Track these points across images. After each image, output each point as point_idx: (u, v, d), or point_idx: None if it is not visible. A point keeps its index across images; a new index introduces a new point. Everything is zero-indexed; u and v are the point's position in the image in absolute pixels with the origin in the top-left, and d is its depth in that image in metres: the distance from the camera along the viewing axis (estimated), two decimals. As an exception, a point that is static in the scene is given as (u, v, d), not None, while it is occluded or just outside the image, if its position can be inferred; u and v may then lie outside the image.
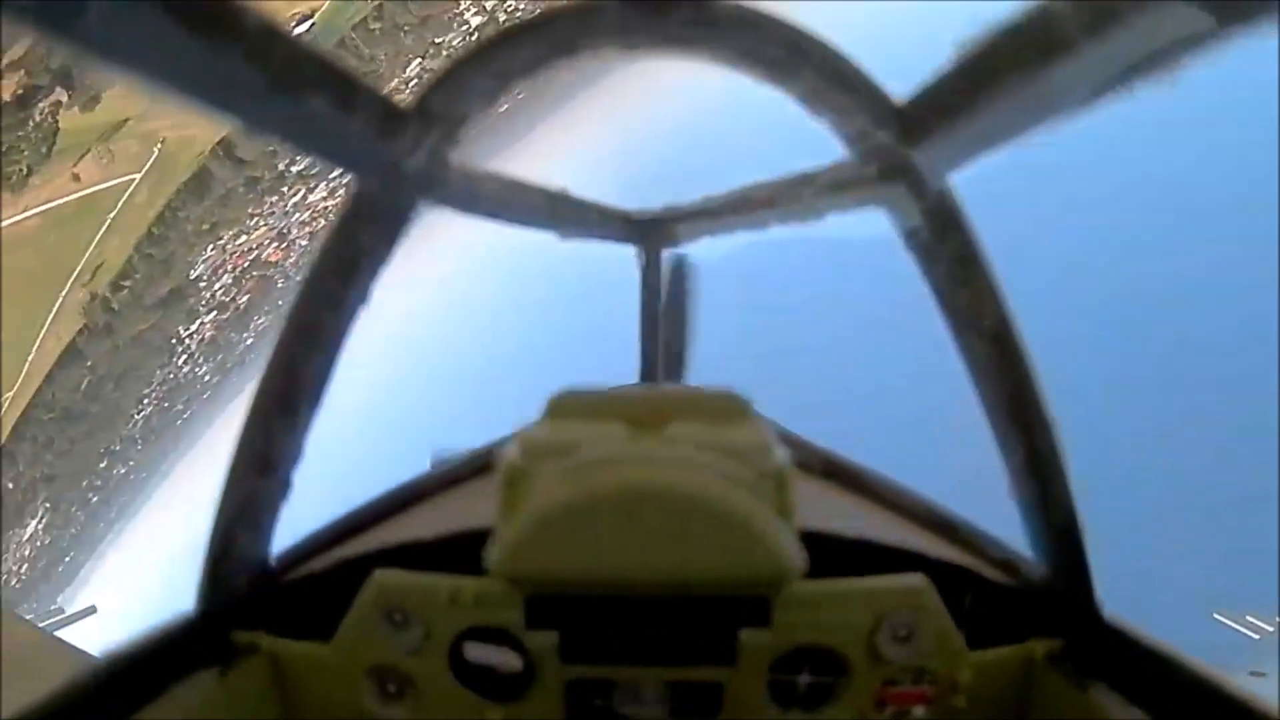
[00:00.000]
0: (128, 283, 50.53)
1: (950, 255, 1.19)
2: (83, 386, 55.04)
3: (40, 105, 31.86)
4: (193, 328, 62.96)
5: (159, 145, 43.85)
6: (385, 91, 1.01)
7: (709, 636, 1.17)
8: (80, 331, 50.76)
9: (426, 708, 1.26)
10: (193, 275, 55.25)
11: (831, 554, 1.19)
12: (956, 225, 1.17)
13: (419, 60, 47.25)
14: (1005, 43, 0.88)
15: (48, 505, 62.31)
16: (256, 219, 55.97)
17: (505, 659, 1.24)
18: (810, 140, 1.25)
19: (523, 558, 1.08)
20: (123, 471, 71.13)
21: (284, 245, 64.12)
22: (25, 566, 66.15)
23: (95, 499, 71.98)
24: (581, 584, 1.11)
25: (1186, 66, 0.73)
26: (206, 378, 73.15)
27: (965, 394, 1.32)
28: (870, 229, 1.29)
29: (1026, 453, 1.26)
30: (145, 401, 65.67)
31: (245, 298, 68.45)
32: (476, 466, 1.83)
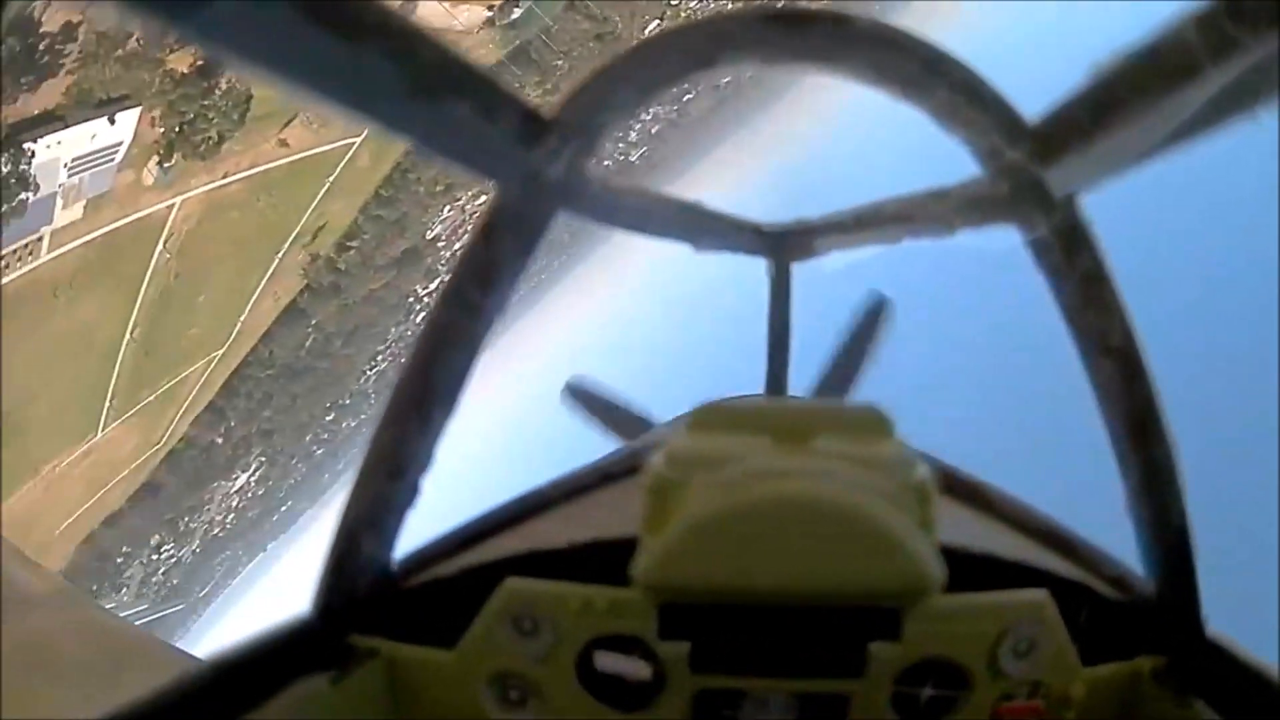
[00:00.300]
0: (354, 244, 50.61)
1: (1079, 274, 1.18)
2: (307, 344, 56.10)
3: (227, 74, 31.25)
4: (430, 286, 62.29)
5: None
6: (527, 100, 1.03)
7: (840, 648, 1.17)
8: (301, 292, 51.50)
9: (550, 714, 1.28)
10: (429, 235, 55.26)
11: (957, 568, 1.19)
12: (1086, 244, 1.16)
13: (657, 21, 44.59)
14: (1137, 65, 0.88)
15: (263, 459, 60.32)
16: None
17: (635, 668, 1.25)
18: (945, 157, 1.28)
19: (673, 567, 1.09)
20: (352, 425, 72.18)
21: None
22: (231, 517, 68.68)
23: (320, 451, 70.04)
24: (724, 594, 1.13)
25: None
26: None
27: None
28: (999, 243, 1.30)
29: (1145, 470, 1.26)
30: (379, 358, 66.43)
31: None
32: (604, 476, 1.82)
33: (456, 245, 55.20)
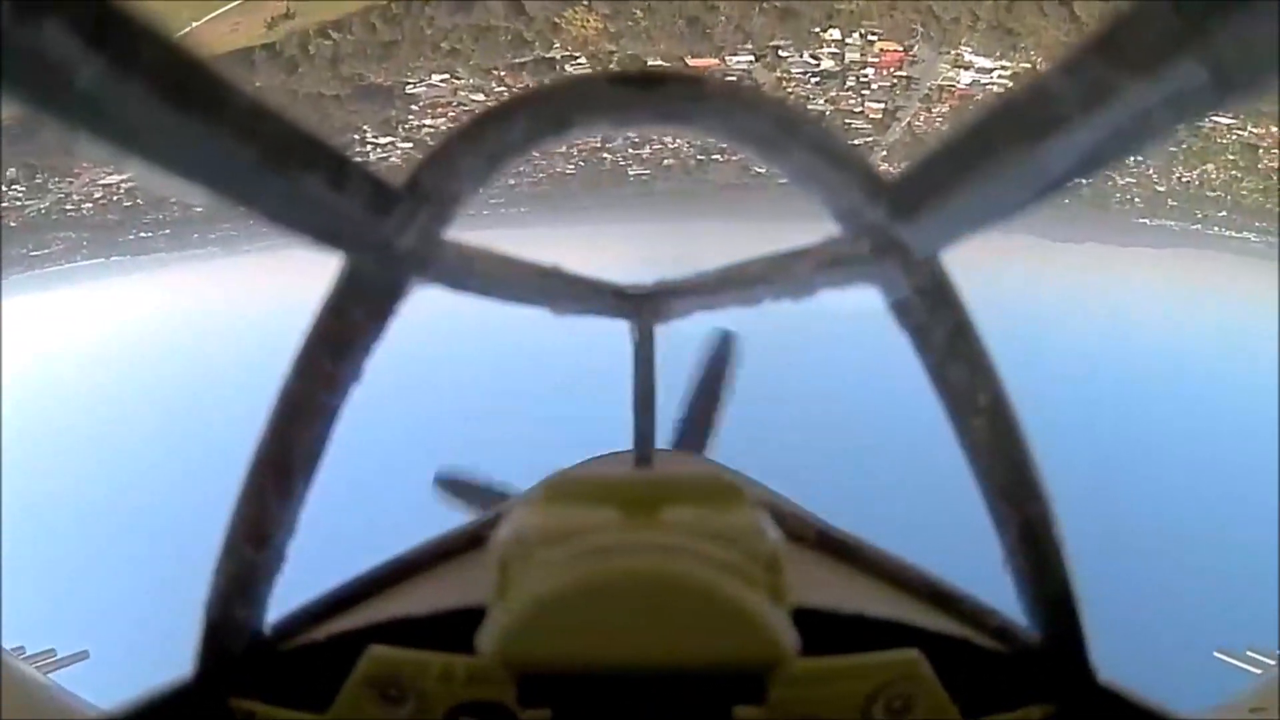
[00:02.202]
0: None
1: (943, 331, 1.21)
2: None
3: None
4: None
5: None
6: (377, 172, 1.03)
7: (704, 713, 1.20)
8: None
9: None
10: (409, 89, 50.04)
11: (825, 629, 1.24)
12: (948, 301, 1.19)
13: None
14: (997, 119, 0.89)
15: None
16: (503, 91, 48.58)
17: None
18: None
19: (516, 642, 1.10)
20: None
21: None
22: (89, 206, 65.74)
23: (199, 209, 67.67)
24: (571, 668, 1.13)
25: (1179, 133, 0.76)
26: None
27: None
28: (861, 303, 1.32)
29: (1022, 525, 1.30)
30: None
31: None
32: (470, 539, 1.84)
33: None
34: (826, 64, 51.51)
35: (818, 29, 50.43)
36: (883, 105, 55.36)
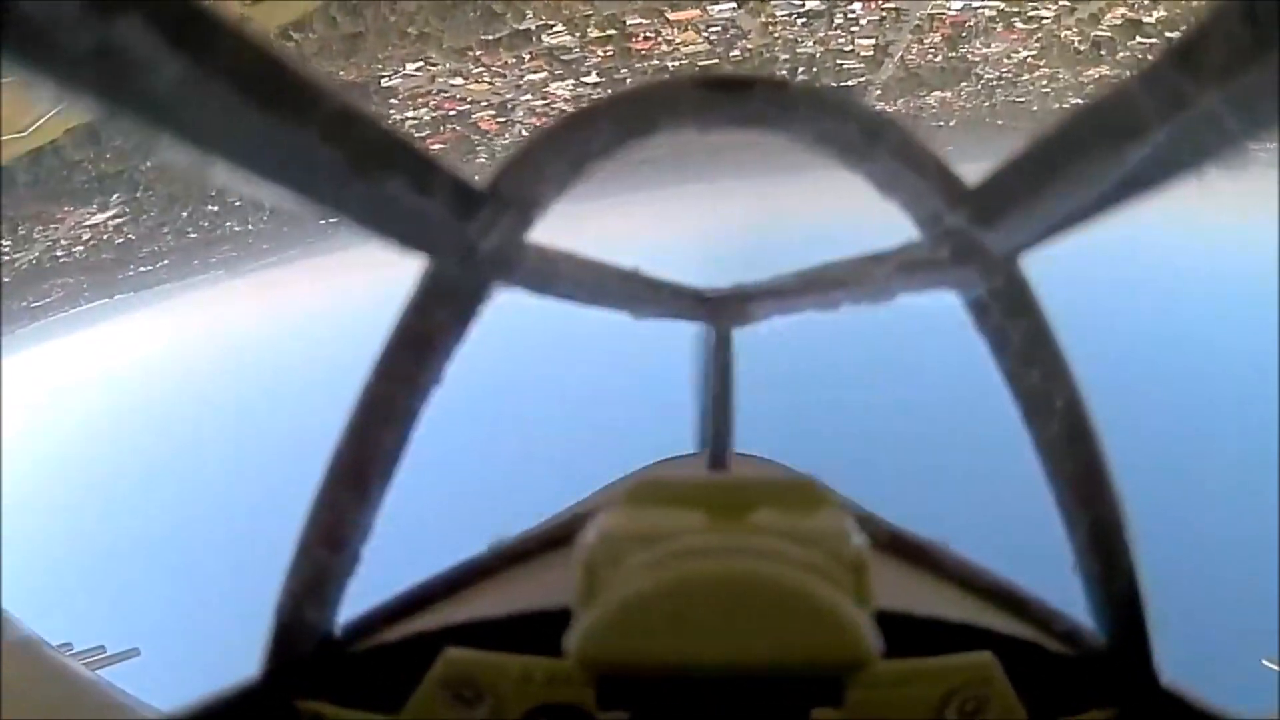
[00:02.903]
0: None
1: (1020, 336, 1.21)
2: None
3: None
4: None
5: None
6: (461, 174, 1.02)
7: (782, 717, 1.18)
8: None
9: None
10: (385, 81, 49.58)
11: (901, 632, 1.22)
12: (1027, 306, 1.19)
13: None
14: (1078, 126, 0.89)
15: (126, 209, 57.06)
16: (482, 71, 49.38)
17: None
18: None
19: (605, 644, 1.09)
20: (235, 229, 69.90)
21: (502, 120, 56.57)
22: (80, 248, 64.56)
23: (194, 235, 69.67)
24: (656, 670, 1.13)
25: (1254, 150, 0.76)
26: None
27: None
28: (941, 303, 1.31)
29: (1093, 528, 1.30)
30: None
31: (435, 144, 59.26)
32: (542, 543, 1.83)
33: (410, 111, 52.09)
34: (812, 3, 48.61)
35: (801, -35, 47.69)
36: (873, 41, 53.06)
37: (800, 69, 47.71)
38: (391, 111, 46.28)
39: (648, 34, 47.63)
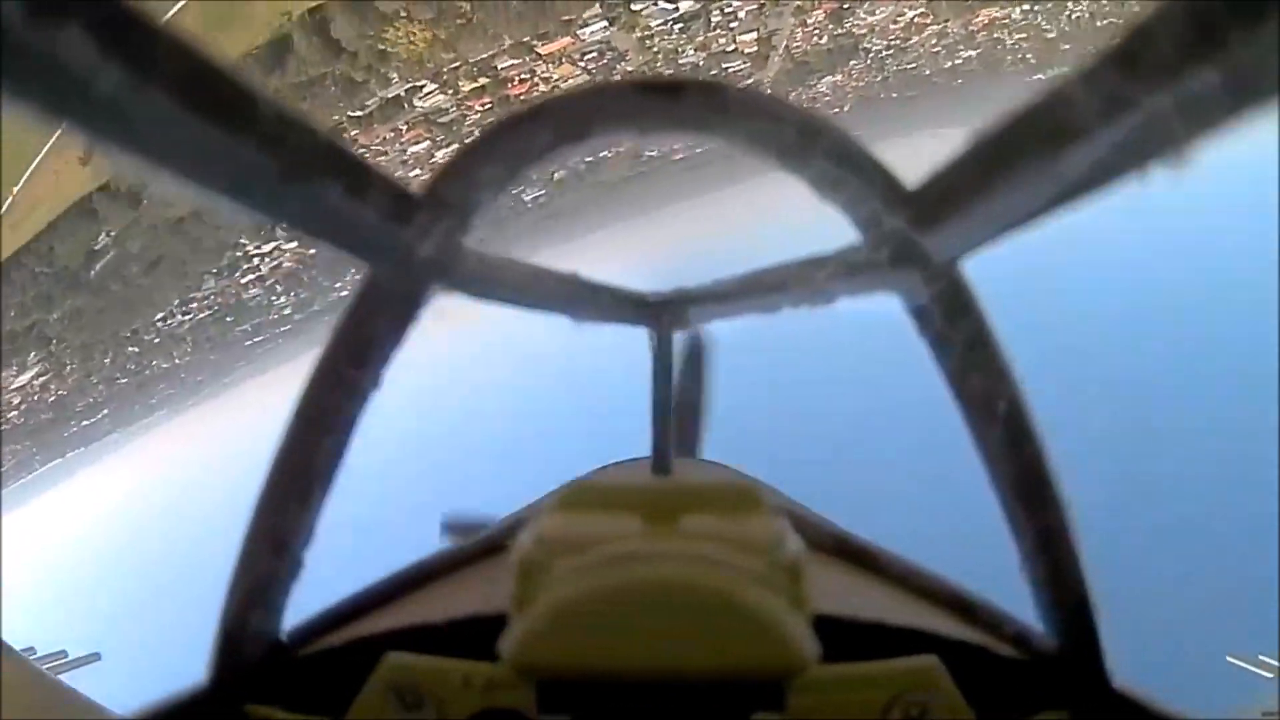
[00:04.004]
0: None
1: (962, 339, 1.19)
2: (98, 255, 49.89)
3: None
4: (265, 249, 58.28)
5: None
6: (397, 180, 1.02)
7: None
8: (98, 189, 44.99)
9: None
10: None
11: (845, 636, 1.24)
12: (968, 309, 1.18)
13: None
14: (1018, 127, 0.87)
15: (46, 366, 55.63)
16: (362, 152, 41.89)
17: None
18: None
19: (537, 650, 1.10)
20: (164, 366, 69.33)
21: None
22: (15, 413, 63.94)
23: (124, 381, 66.11)
24: (592, 675, 1.13)
25: (1201, 147, 0.73)
26: (286, 311, 70.72)
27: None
28: (883, 308, 1.29)
29: (1039, 533, 1.29)
30: (192, 304, 62.67)
31: None
32: (485, 548, 1.85)
33: None
34: (685, 5, 46.51)
35: (666, -31, 45.95)
36: (755, 34, 51.26)
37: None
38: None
39: (522, 75, 45.71)
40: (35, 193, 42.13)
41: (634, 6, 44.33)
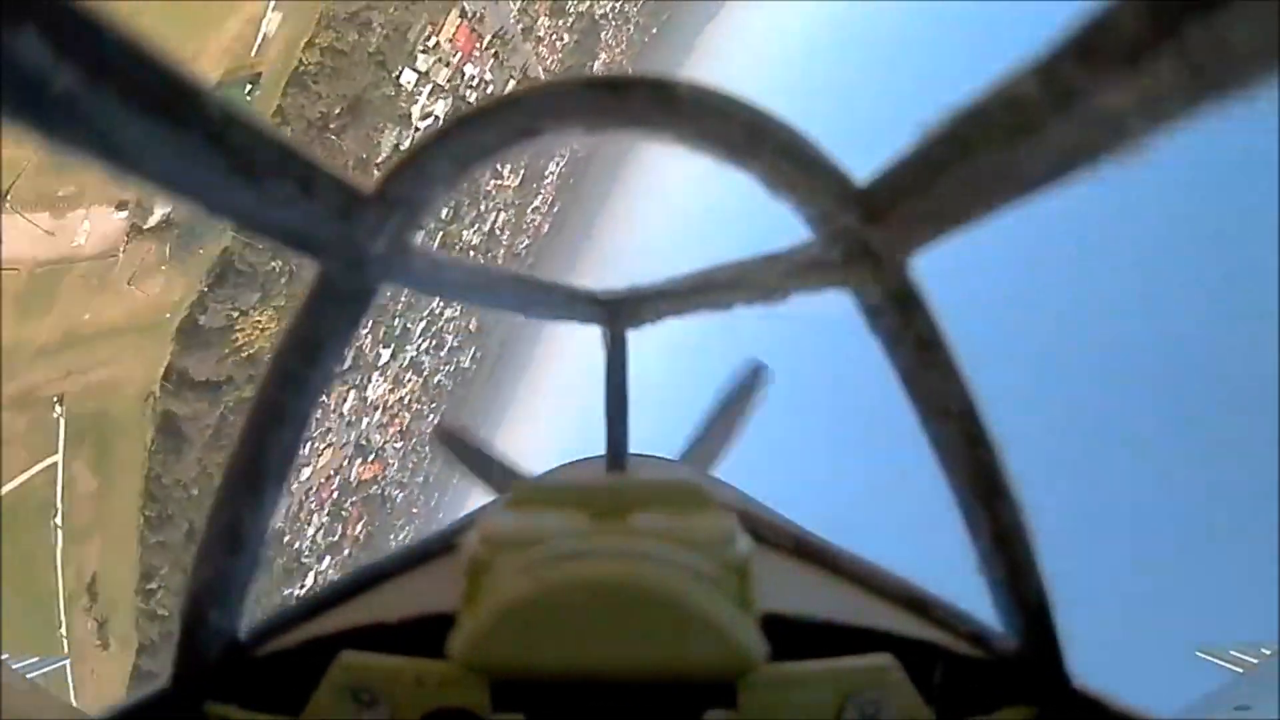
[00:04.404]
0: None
1: (913, 338, 1.18)
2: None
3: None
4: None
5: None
6: (347, 177, 1.00)
7: (675, 717, 1.17)
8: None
9: None
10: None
11: (799, 635, 1.23)
12: (919, 308, 1.16)
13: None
14: (969, 123, 0.86)
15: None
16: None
17: None
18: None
19: (485, 649, 1.09)
20: None
21: (373, 460, 58.34)
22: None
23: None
24: (540, 674, 1.13)
25: (1156, 141, 0.72)
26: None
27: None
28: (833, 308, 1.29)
29: (994, 530, 1.27)
30: None
31: (357, 528, 62.66)
32: (445, 544, 1.79)
33: (310, 529, 53.22)
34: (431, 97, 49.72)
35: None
36: (498, 77, 55.10)
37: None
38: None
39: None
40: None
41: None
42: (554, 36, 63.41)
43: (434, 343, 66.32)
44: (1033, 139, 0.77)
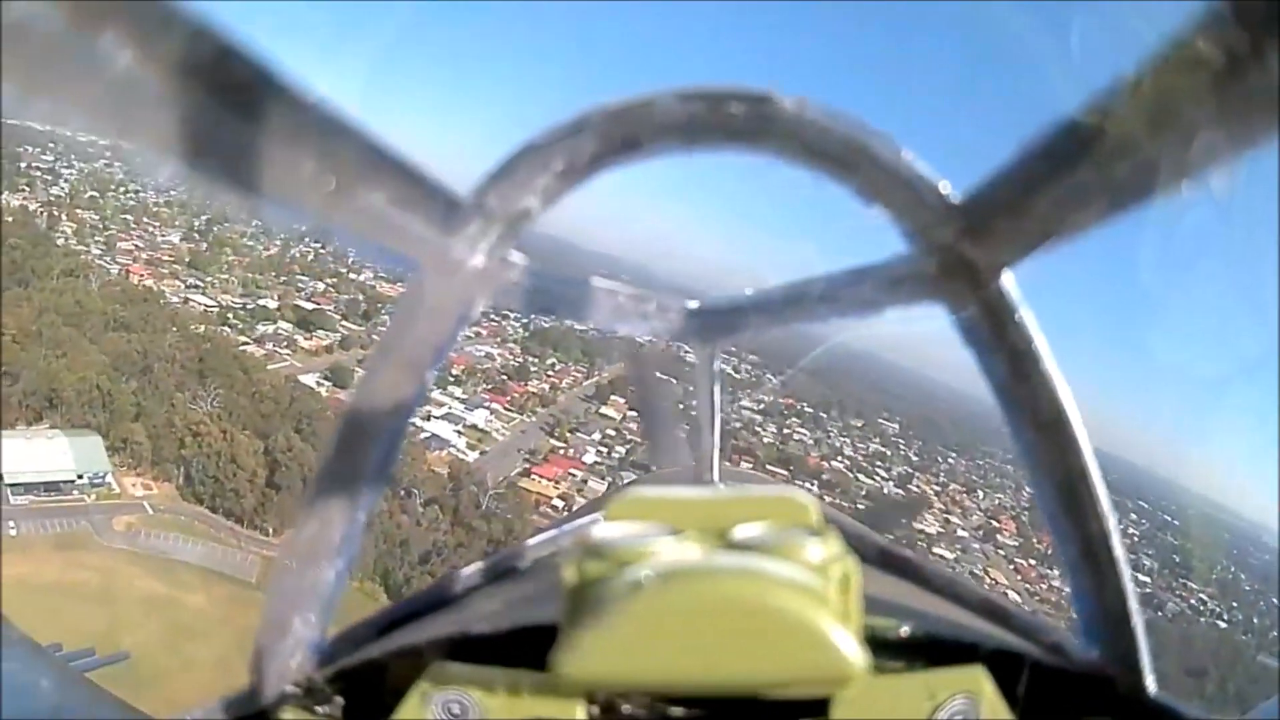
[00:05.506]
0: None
1: (1007, 349, 1.19)
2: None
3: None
4: None
5: None
6: (447, 187, 1.03)
7: None
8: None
9: None
10: None
11: (890, 646, 1.25)
12: (1014, 320, 1.17)
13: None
14: (1065, 140, 0.90)
15: None
16: None
17: None
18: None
19: (592, 662, 1.08)
20: None
21: None
22: None
23: None
24: (647, 686, 1.14)
25: (1244, 165, 0.76)
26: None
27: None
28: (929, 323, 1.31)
29: (1081, 541, 1.29)
30: None
31: None
32: (528, 558, 1.85)
33: None
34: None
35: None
36: None
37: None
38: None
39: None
40: None
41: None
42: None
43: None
44: (1127, 153, 0.80)
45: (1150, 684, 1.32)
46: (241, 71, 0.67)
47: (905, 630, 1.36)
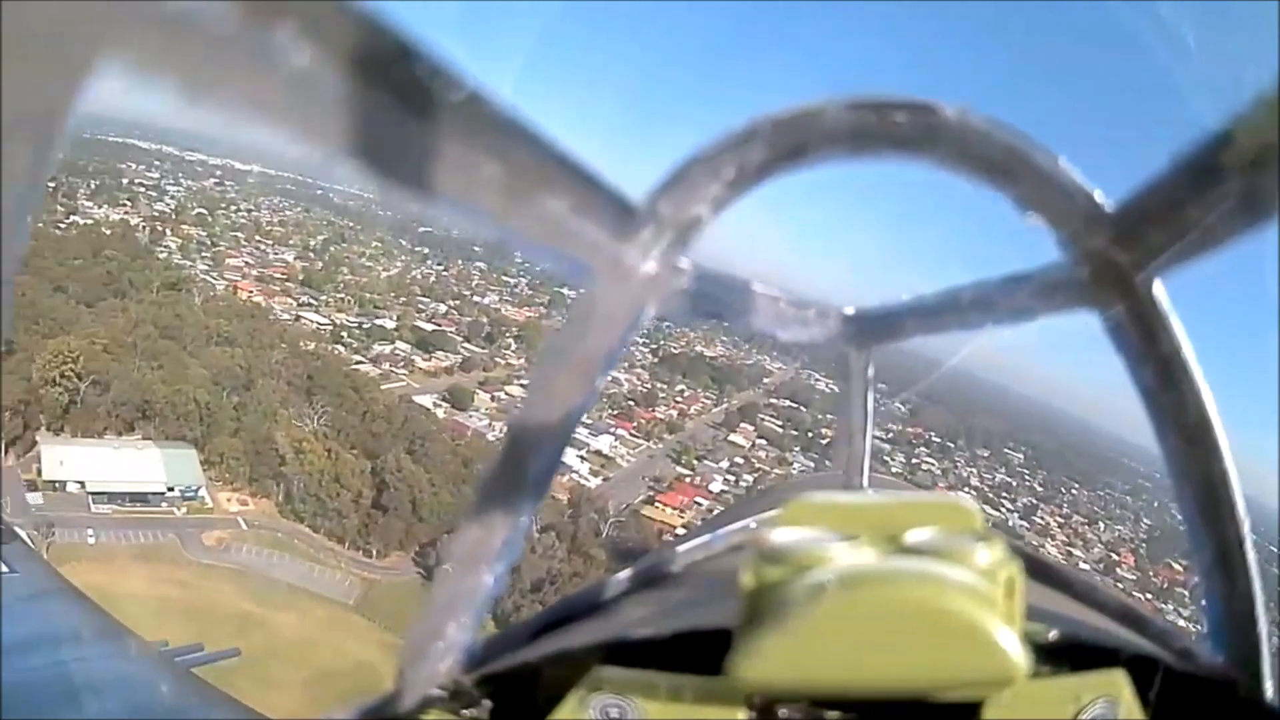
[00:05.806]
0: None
1: (1157, 357, 1.21)
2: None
3: None
4: None
5: None
6: (621, 194, 1.04)
7: None
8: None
9: None
10: None
11: (1038, 649, 1.23)
12: (1164, 328, 1.19)
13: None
14: (1217, 151, 0.91)
15: None
16: None
17: None
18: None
19: (770, 667, 1.09)
20: None
21: None
22: None
23: None
24: (821, 690, 1.15)
25: None
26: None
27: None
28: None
29: (1215, 547, 1.30)
30: None
31: None
32: (681, 566, 1.87)
33: None
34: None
35: None
36: None
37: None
38: None
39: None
40: None
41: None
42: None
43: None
44: (1272, 168, 0.81)
45: (1269, 690, 1.32)
46: (420, 71, 0.66)
47: (1053, 634, 1.36)
